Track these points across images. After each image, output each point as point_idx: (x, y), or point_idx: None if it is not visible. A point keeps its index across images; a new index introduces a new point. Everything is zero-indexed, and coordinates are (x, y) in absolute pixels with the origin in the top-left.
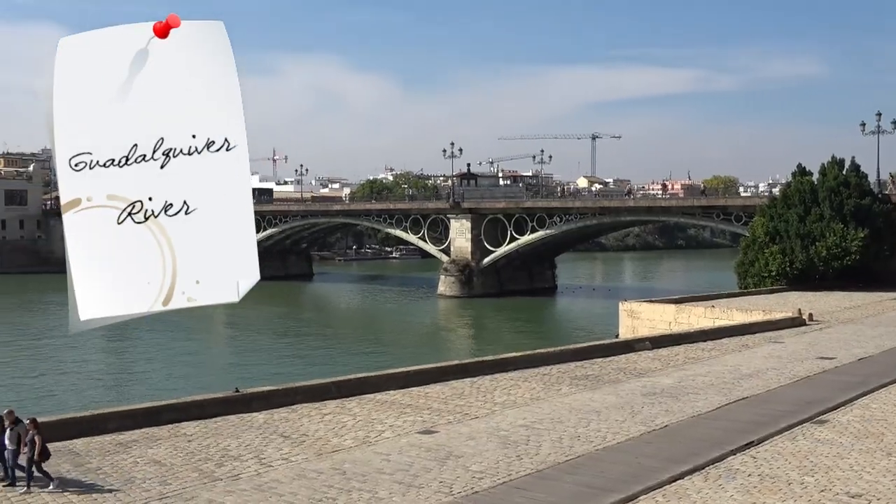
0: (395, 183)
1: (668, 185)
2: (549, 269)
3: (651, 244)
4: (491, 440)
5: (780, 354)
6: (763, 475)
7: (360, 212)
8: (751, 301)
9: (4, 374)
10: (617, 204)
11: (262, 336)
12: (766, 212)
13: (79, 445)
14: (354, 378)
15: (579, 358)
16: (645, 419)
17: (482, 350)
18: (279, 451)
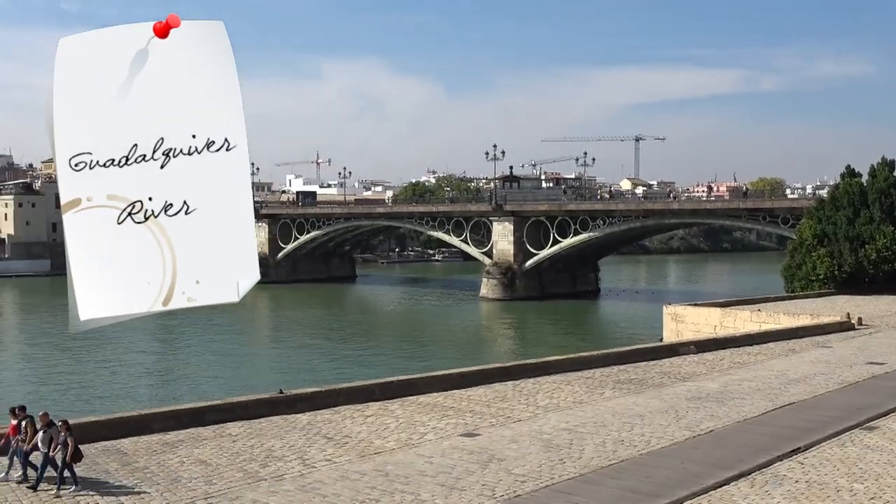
0: (437, 186)
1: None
2: (592, 272)
3: (696, 247)
4: (533, 443)
5: (828, 359)
6: (811, 482)
7: (402, 214)
8: (798, 305)
9: (54, 374)
10: (661, 206)
11: (305, 337)
12: (814, 214)
13: (126, 445)
14: (397, 380)
15: (623, 361)
16: (690, 424)
17: (525, 353)
18: (322, 452)
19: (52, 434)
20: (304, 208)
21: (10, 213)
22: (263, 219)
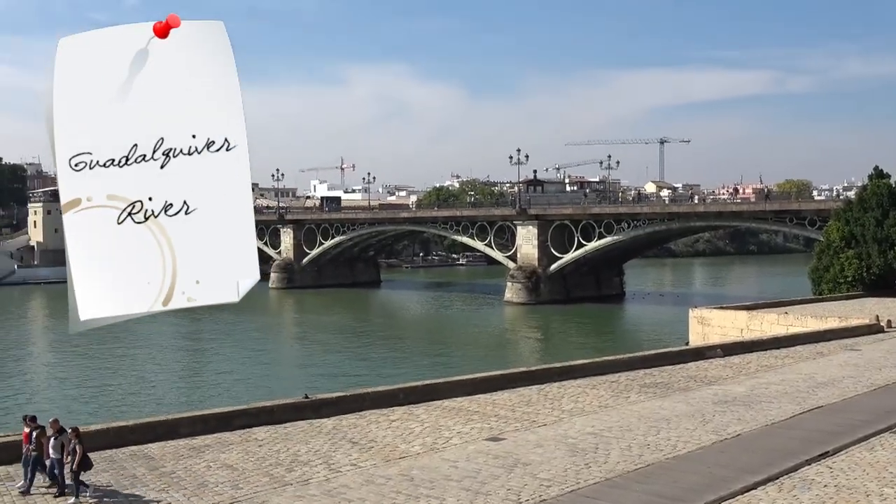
0: (461, 190)
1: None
2: (617, 275)
3: (722, 250)
4: (559, 448)
5: (856, 362)
6: (840, 486)
7: (426, 219)
8: (826, 307)
9: (82, 379)
10: (686, 209)
11: (330, 342)
12: (842, 216)
13: (154, 449)
14: (422, 385)
15: (648, 365)
16: (716, 428)
17: (549, 357)
18: (348, 457)
19: (63, 441)
20: (329, 213)
21: (39, 221)
22: (288, 224)
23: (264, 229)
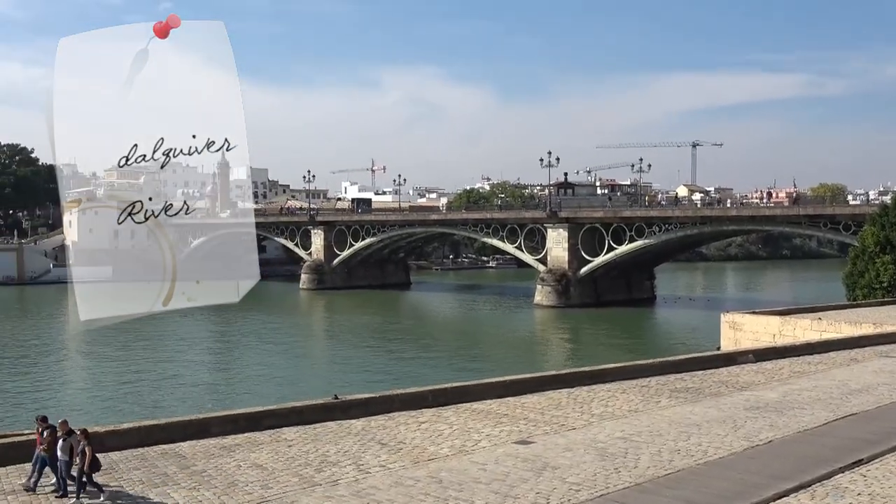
0: (491, 192)
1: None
2: (647, 279)
3: (754, 254)
4: (588, 452)
5: (892, 369)
6: (874, 495)
7: (456, 221)
8: (860, 313)
9: (113, 377)
10: (718, 213)
11: (360, 344)
12: (877, 220)
13: (185, 448)
14: (451, 387)
15: (679, 370)
16: (748, 434)
17: (579, 360)
18: (377, 458)
19: (72, 442)
20: (360, 215)
21: (75, 220)
22: (319, 226)
23: (295, 230)
